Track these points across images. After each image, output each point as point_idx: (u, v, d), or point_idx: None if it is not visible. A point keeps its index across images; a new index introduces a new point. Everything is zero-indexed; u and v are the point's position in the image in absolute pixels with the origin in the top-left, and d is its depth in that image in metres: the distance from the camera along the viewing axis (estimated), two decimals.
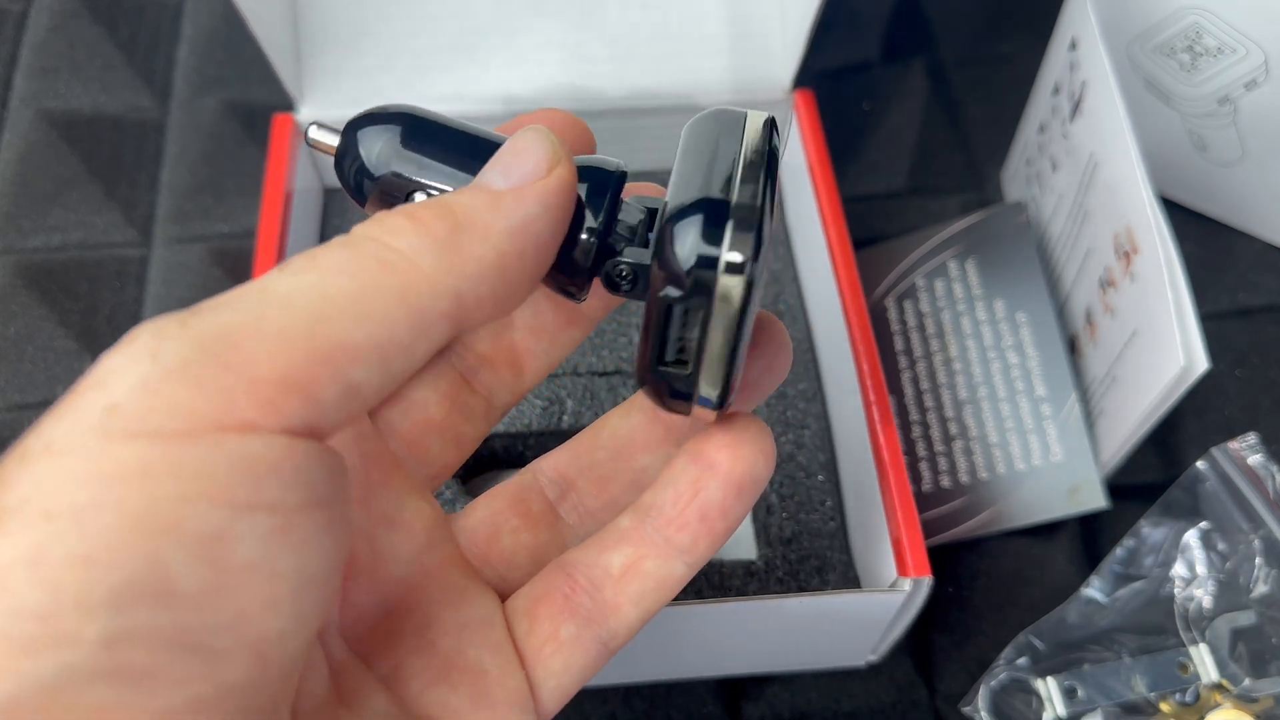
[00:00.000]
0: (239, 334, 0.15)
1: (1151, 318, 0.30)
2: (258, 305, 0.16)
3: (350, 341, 0.16)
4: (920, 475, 0.36)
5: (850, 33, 0.48)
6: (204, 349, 0.15)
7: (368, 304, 0.16)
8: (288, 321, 0.15)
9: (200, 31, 0.47)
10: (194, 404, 0.15)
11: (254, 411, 0.15)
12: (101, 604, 0.14)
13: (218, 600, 0.14)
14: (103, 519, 0.14)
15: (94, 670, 0.14)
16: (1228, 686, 0.31)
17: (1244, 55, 0.35)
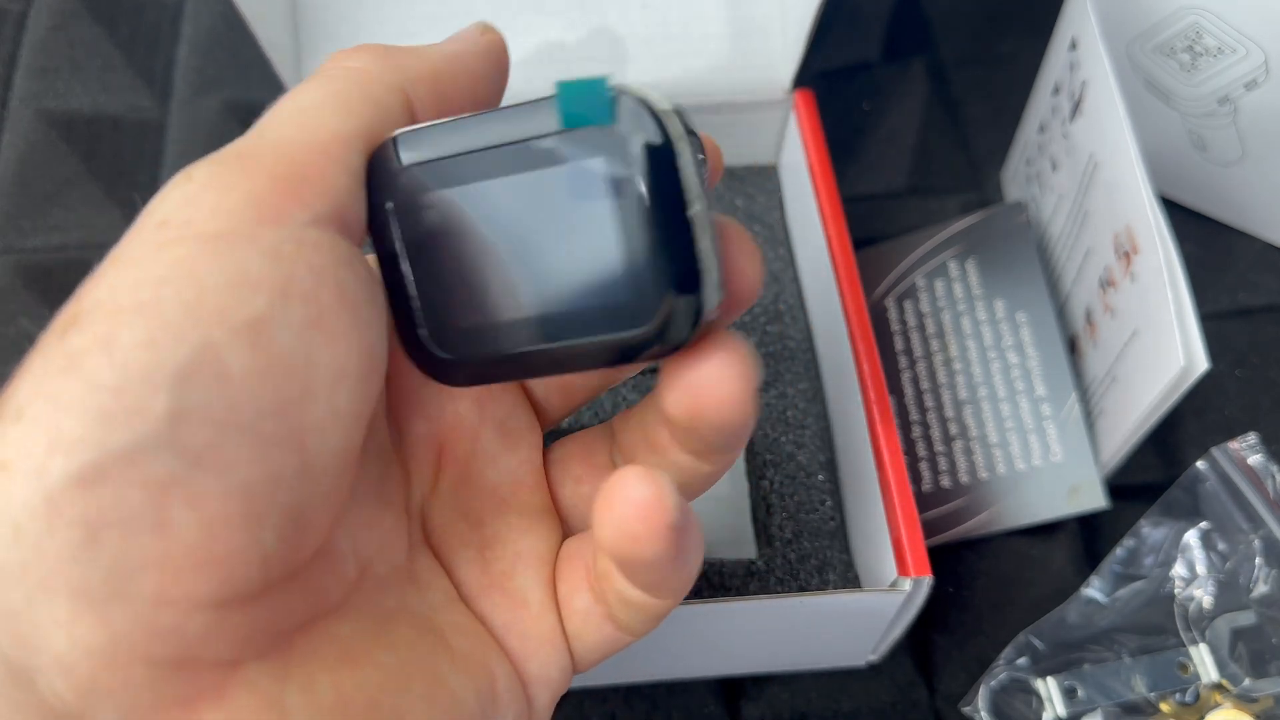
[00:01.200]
0: (250, 149, 0.18)
1: (1151, 318, 0.30)
2: (257, 130, 0.18)
3: (338, 130, 0.18)
4: (920, 475, 0.36)
5: (850, 33, 0.48)
6: (226, 164, 0.17)
7: (338, 100, 0.19)
8: (283, 130, 0.18)
9: (200, 31, 0.47)
10: (228, 205, 0.17)
11: (280, 201, 0.17)
12: (166, 380, 0.15)
13: (262, 383, 0.16)
14: (162, 309, 0.16)
15: (161, 442, 0.15)
16: (1228, 686, 0.31)
17: (1244, 55, 0.35)
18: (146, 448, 0.15)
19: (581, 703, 0.33)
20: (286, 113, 0.18)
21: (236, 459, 0.16)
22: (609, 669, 0.32)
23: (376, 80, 0.19)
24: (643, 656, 0.31)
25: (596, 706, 0.33)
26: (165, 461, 0.15)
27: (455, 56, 0.21)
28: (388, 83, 0.19)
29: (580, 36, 0.39)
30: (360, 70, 0.19)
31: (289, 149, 0.18)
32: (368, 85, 0.19)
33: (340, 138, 0.18)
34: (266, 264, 0.16)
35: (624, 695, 0.33)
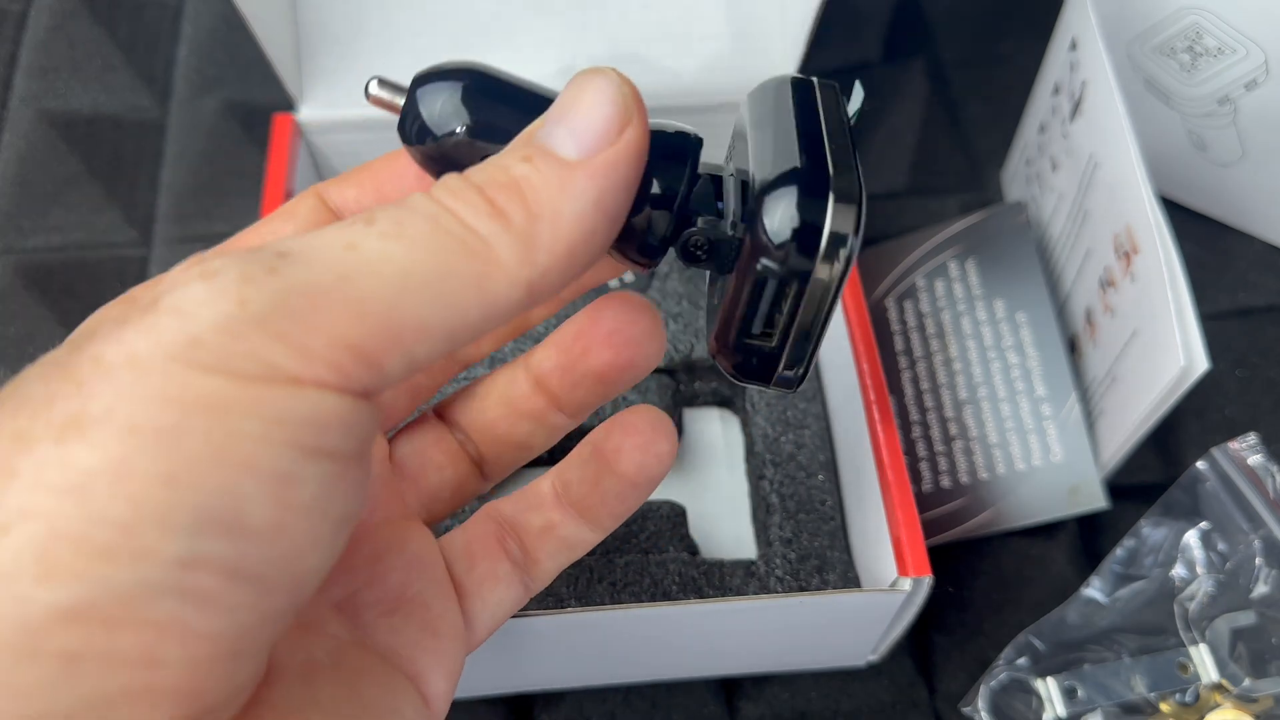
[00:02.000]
0: (324, 296, 0.16)
1: (1151, 318, 0.30)
2: (344, 267, 0.16)
3: (424, 323, 0.16)
4: (920, 475, 0.36)
5: (850, 33, 0.48)
6: (289, 306, 0.15)
7: (447, 288, 0.16)
8: (370, 293, 0.16)
9: (200, 31, 0.47)
10: (274, 356, 0.15)
11: (326, 372, 0.16)
12: (182, 526, 0.14)
13: (279, 536, 0.15)
14: (187, 444, 0.14)
15: (167, 586, 0.14)
16: (1228, 686, 0.31)
17: (1244, 55, 0.35)
18: (150, 591, 0.14)
19: (581, 703, 0.33)
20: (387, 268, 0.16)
21: (239, 604, 0.15)
22: (609, 669, 0.32)
23: (501, 272, 0.17)
24: (643, 656, 0.31)
25: (596, 706, 0.33)
26: (166, 607, 0.14)
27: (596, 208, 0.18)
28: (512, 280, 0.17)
29: (580, 36, 0.39)
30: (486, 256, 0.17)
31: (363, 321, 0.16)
32: (485, 280, 0.17)
33: (419, 329, 0.16)
34: (304, 423, 0.15)
35: (624, 695, 0.33)
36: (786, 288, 0.18)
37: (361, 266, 0.16)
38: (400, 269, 0.16)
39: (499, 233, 0.17)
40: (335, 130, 0.38)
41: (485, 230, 0.17)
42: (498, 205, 0.17)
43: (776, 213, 0.18)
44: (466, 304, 0.17)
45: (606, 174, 0.18)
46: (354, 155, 0.39)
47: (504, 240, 0.17)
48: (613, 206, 0.18)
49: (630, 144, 0.18)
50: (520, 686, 0.33)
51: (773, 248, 0.18)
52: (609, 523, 0.24)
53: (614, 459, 0.23)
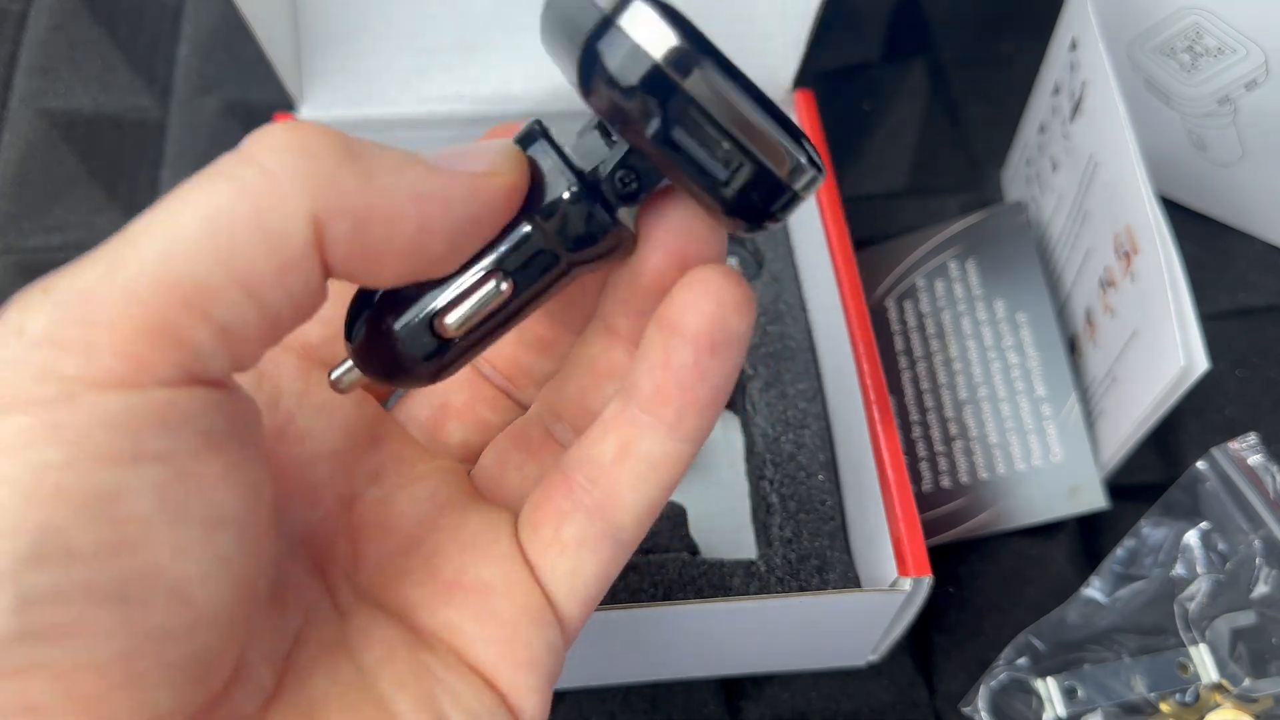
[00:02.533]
0: (95, 290, 0.15)
1: (1151, 318, 0.30)
2: (113, 255, 0.15)
3: (207, 280, 0.15)
4: (920, 475, 0.36)
5: (850, 33, 0.48)
6: (64, 312, 0.15)
7: (219, 236, 0.15)
8: (138, 268, 0.15)
9: (200, 31, 0.47)
10: (63, 369, 0.14)
11: (122, 367, 0.15)
12: (5, 573, 0.14)
13: (121, 553, 0.15)
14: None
15: (7, 635, 0.14)
16: (1228, 686, 0.31)
17: (1244, 55, 0.35)
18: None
19: (581, 703, 0.33)
20: (151, 238, 0.15)
21: (101, 630, 0.14)
22: (610, 669, 0.32)
23: (280, 202, 0.15)
24: (643, 656, 0.31)
25: (596, 706, 0.33)
26: (15, 654, 0.14)
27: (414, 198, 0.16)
28: (292, 210, 0.15)
29: None
30: (265, 188, 0.15)
31: (138, 299, 0.15)
32: (266, 210, 0.15)
33: (205, 289, 0.15)
34: (111, 433, 0.15)
35: (624, 695, 0.33)
36: (695, 113, 0.17)
37: (128, 247, 0.15)
38: (166, 232, 0.15)
39: (289, 162, 0.16)
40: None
41: (273, 161, 0.16)
42: (312, 132, 0.16)
43: (615, 74, 0.17)
44: (248, 249, 0.15)
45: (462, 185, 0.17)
46: None
47: (292, 168, 0.16)
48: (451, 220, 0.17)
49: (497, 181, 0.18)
50: None
51: (643, 101, 0.17)
52: (693, 421, 0.20)
53: (679, 319, 0.19)
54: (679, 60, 0.16)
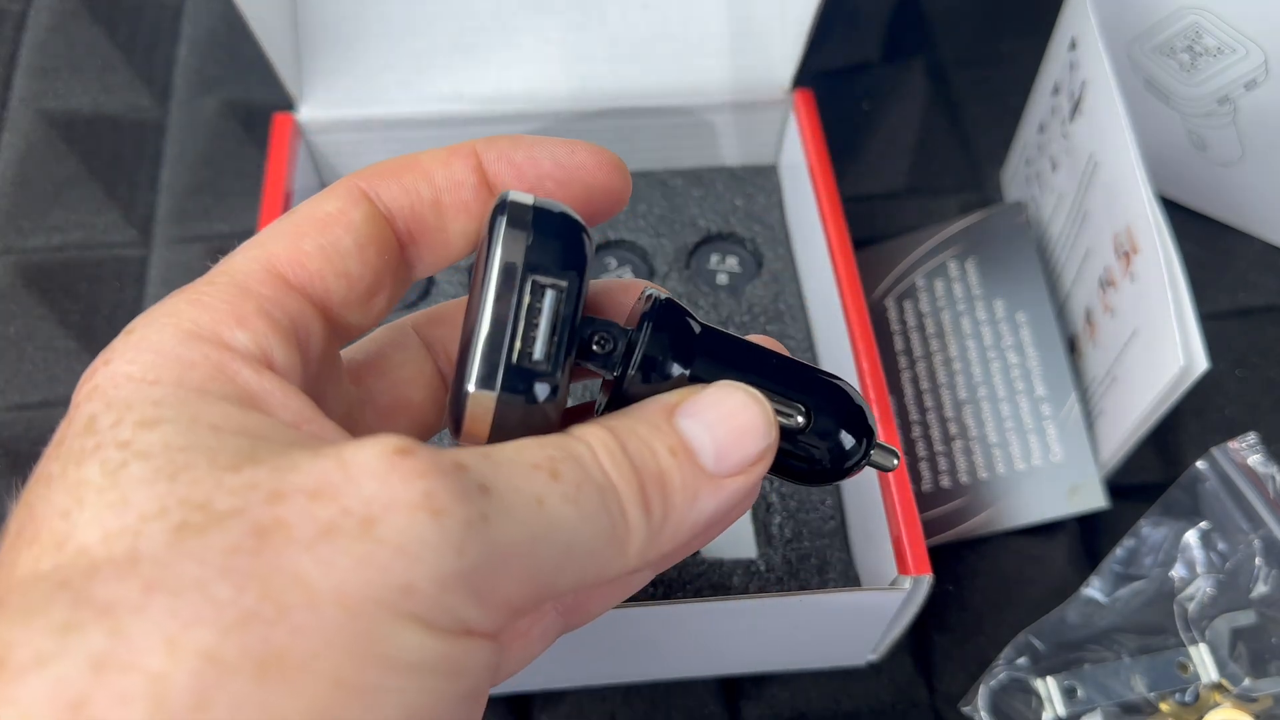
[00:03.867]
0: (516, 557, 0.16)
1: (1151, 318, 0.30)
2: (534, 526, 0.17)
3: (563, 585, 0.17)
4: (920, 475, 0.36)
5: (850, 33, 0.48)
6: (492, 562, 0.16)
7: (591, 560, 0.18)
8: (546, 559, 0.17)
9: (200, 31, 0.48)
10: (468, 613, 0.16)
11: (493, 627, 0.16)
12: None
13: None
14: (384, 702, 0.15)
15: None
16: (1227, 686, 0.31)
17: (1244, 55, 0.35)
18: None
19: (581, 702, 0.33)
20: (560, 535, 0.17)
21: None
22: (609, 669, 0.32)
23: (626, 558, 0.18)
24: (643, 656, 0.31)
25: (596, 706, 0.33)
26: None
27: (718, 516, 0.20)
28: (629, 565, 0.18)
29: (580, 36, 0.39)
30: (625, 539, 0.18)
31: (533, 582, 0.17)
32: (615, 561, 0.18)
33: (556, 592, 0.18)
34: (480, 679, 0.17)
35: (624, 695, 0.33)
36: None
37: (547, 530, 0.17)
38: (570, 538, 0.17)
39: (640, 522, 0.18)
40: (335, 130, 0.38)
41: (634, 518, 0.18)
42: (647, 496, 0.18)
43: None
44: (595, 574, 0.18)
45: (733, 495, 0.19)
46: (354, 155, 0.39)
47: (641, 528, 0.18)
48: (729, 516, 0.20)
49: (759, 475, 0.20)
50: (519, 686, 0.33)
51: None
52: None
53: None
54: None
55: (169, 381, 0.17)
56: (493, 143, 0.22)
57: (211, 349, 0.17)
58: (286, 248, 0.20)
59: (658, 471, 0.18)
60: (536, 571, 0.17)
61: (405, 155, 0.21)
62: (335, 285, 0.20)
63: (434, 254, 0.22)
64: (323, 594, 0.14)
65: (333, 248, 0.20)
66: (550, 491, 0.17)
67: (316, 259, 0.20)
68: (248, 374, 0.17)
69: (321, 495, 0.15)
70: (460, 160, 0.21)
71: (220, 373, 0.17)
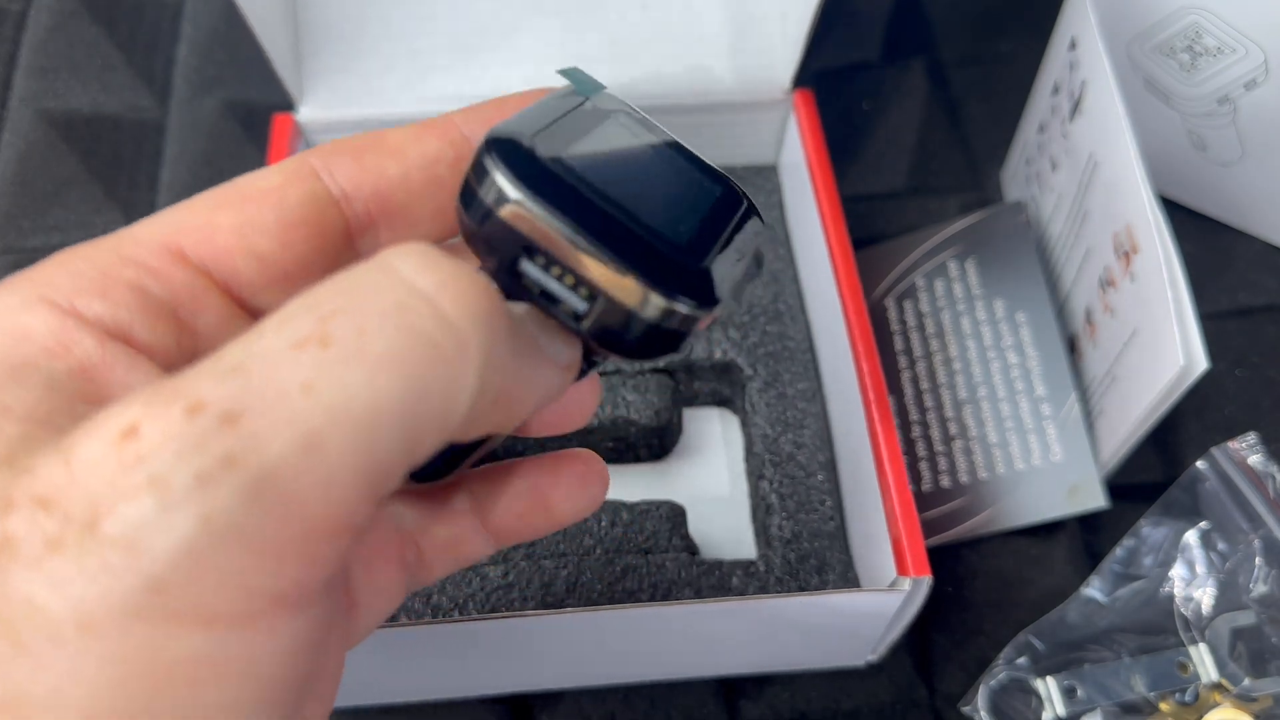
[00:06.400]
0: (294, 477, 0.13)
1: (1151, 318, 0.30)
2: (305, 426, 0.13)
3: (398, 462, 0.14)
4: (920, 475, 0.36)
5: (850, 33, 0.48)
6: (257, 502, 0.13)
7: (418, 414, 0.14)
8: (340, 450, 0.13)
9: (200, 31, 0.47)
10: (248, 578, 0.13)
11: (303, 571, 0.13)
12: None
13: None
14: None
15: None
16: (1227, 686, 0.31)
17: (1244, 55, 0.35)
18: None
19: (580, 702, 0.33)
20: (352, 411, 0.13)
21: None
22: (608, 669, 0.32)
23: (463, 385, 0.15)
24: (642, 656, 0.31)
25: (596, 706, 0.33)
26: None
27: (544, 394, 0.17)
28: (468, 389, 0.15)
29: (580, 36, 0.39)
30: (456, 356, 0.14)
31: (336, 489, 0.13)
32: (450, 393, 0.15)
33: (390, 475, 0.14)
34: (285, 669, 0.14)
35: (624, 695, 0.33)
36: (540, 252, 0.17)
37: (325, 419, 0.13)
38: (369, 405, 0.13)
39: (474, 316, 0.15)
40: (335, 130, 0.38)
41: (459, 314, 0.14)
42: (481, 284, 0.15)
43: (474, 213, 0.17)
44: (434, 422, 0.14)
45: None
46: None
47: (479, 329, 0.15)
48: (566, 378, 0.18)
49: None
50: (519, 687, 0.33)
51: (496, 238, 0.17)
52: (514, 543, 0.22)
53: (554, 503, 0.21)
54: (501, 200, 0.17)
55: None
56: (475, 111, 0.20)
57: (56, 317, 0.16)
58: (200, 219, 0.18)
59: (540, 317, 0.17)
60: (337, 471, 0.13)
61: (374, 131, 0.20)
62: (244, 265, 0.18)
63: (395, 237, 0.19)
64: (60, 619, 0.12)
65: (250, 225, 0.18)
66: (320, 367, 0.13)
67: (228, 235, 0.18)
68: (89, 344, 0.16)
69: (49, 502, 0.13)
70: (435, 134, 0.20)
71: (58, 343, 0.16)
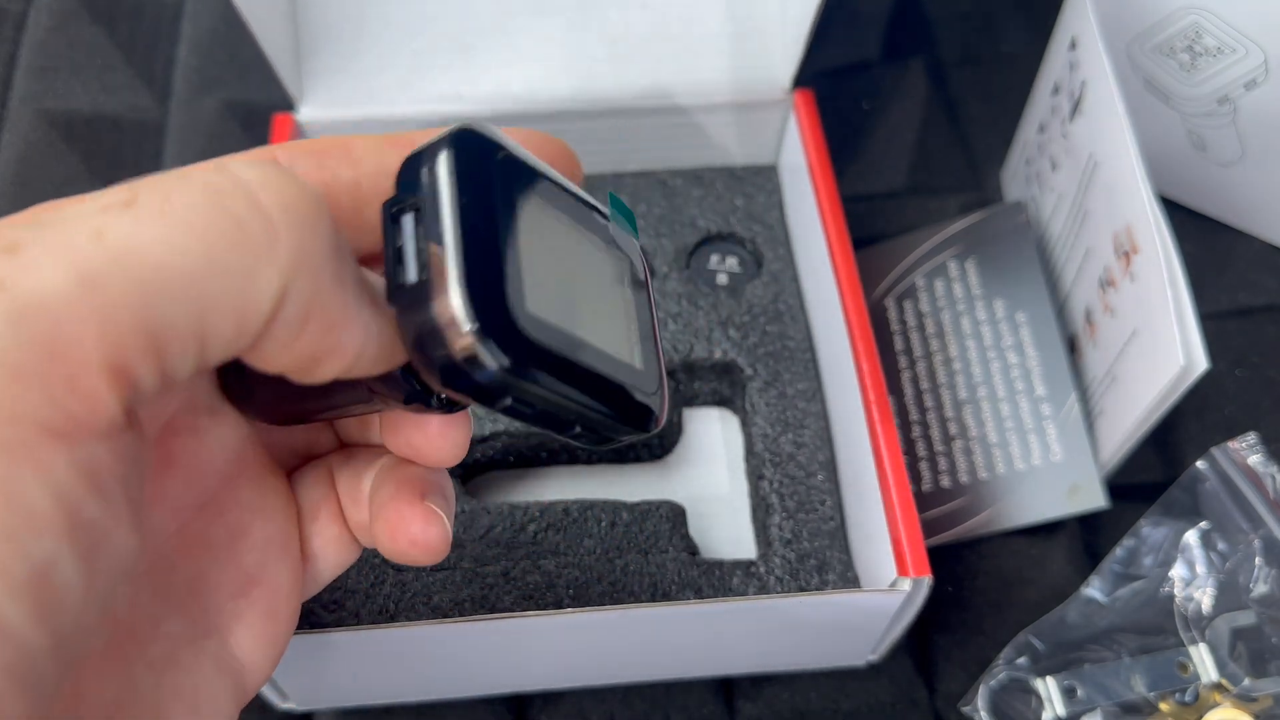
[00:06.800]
0: (67, 308, 0.13)
1: (1151, 317, 0.30)
2: (89, 265, 0.13)
3: (183, 329, 0.14)
4: (920, 475, 0.36)
5: (850, 33, 0.48)
6: (29, 330, 0.13)
7: (209, 284, 0.14)
8: (121, 292, 0.14)
9: (200, 31, 0.47)
10: (17, 407, 0.13)
11: (75, 405, 0.13)
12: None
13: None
14: None
15: None
16: (1227, 686, 0.31)
17: (1244, 55, 0.35)
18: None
19: (581, 702, 0.33)
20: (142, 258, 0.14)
21: None
22: (608, 669, 0.32)
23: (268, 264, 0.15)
24: (643, 656, 0.31)
25: (596, 706, 0.33)
26: None
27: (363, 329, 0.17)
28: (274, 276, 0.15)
29: (580, 37, 0.39)
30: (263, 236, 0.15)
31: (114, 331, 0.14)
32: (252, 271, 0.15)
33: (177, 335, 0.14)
34: (56, 506, 0.13)
35: (623, 695, 0.33)
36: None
37: (106, 264, 0.14)
38: (158, 259, 0.14)
39: (289, 218, 0.15)
40: (335, 130, 0.38)
41: (276, 207, 0.15)
42: (298, 185, 0.15)
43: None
44: (229, 306, 0.14)
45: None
46: None
47: (292, 227, 0.15)
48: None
49: None
50: (519, 687, 0.33)
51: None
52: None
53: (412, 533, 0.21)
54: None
55: None
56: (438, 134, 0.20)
57: None
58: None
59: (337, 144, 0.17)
60: (120, 317, 0.13)
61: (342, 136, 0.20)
62: None
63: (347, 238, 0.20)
64: None
65: None
66: (117, 220, 0.14)
67: None
68: None
69: None
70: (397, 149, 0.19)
71: None
